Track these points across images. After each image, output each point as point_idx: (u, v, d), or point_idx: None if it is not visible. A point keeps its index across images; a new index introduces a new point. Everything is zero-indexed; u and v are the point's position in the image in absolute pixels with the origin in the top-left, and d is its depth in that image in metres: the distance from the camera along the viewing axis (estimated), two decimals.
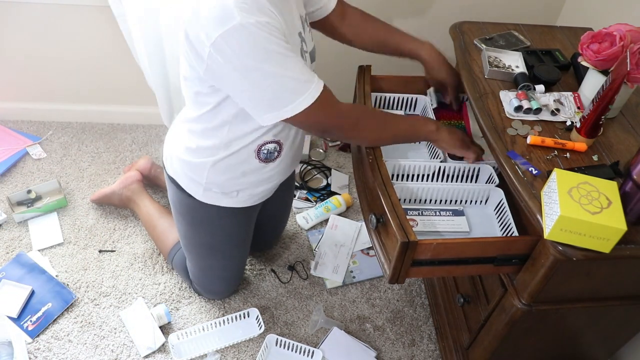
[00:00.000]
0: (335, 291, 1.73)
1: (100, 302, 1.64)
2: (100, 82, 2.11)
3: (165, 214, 1.75)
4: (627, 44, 1.13)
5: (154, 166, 1.95)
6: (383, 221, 1.11)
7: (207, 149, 1.24)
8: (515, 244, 1.08)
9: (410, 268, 1.08)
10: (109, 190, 1.86)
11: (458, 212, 1.30)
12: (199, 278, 1.60)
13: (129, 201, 1.84)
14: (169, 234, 1.69)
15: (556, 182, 1.00)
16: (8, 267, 1.68)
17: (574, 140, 1.17)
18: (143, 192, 1.84)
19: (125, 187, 1.84)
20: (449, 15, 1.73)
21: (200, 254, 1.52)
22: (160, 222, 1.74)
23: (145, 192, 1.84)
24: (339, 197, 1.96)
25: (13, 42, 1.96)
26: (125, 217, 1.89)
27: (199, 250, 1.51)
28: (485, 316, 1.25)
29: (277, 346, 1.56)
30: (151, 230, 1.76)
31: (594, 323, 1.27)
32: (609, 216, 0.94)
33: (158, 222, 1.74)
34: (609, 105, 1.09)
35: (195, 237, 1.48)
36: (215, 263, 1.55)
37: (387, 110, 1.53)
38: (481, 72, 1.37)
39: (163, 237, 1.71)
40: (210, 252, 1.50)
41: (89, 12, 1.87)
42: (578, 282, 1.09)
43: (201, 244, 1.49)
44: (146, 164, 1.94)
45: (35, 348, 1.53)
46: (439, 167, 1.32)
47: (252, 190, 1.35)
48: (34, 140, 2.12)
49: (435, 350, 1.61)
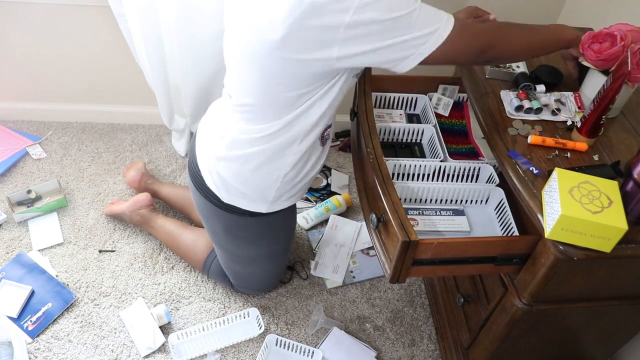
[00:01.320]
0: (335, 291, 1.73)
1: (100, 302, 1.64)
2: (100, 82, 2.11)
3: (184, 228, 1.73)
4: (627, 44, 1.13)
5: (145, 176, 1.90)
6: (384, 221, 1.11)
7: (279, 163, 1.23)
8: (515, 243, 1.08)
9: (410, 267, 1.08)
10: (119, 210, 1.81)
11: (458, 211, 1.30)
12: (246, 282, 1.62)
13: (141, 225, 1.81)
14: (197, 247, 1.68)
15: (557, 181, 1.00)
16: (8, 267, 1.68)
17: (574, 140, 1.17)
18: (153, 215, 1.79)
19: (134, 211, 1.79)
20: None
21: (254, 264, 1.54)
22: (182, 238, 1.71)
23: (155, 214, 1.79)
24: (339, 197, 1.96)
25: (13, 42, 1.96)
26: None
27: (257, 261, 1.52)
28: (486, 316, 1.25)
29: (277, 346, 1.55)
30: (175, 249, 1.74)
31: (594, 323, 1.27)
32: (610, 215, 0.95)
33: (181, 239, 1.71)
34: (609, 105, 1.09)
35: (243, 253, 1.48)
36: (270, 265, 1.57)
37: (386, 110, 1.53)
38: (482, 71, 1.37)
39: (192, 252, 1.69)
40: (269, 258, 1.52)
41: (89, 12, 1.87)
42: (579, 281, 1.09)
43: (249, 258, 1.50)
44: (136, 175, 1.89)
45: (35, 348, 1.52)
46: (439, 166, 1.32)
47: (312, 174, 1.33)
48: (34, 140, 2.12)
49: (435, 350, 1.61)
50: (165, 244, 1.77)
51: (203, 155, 1.32)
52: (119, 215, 1.84)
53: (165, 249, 1.79)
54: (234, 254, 1.51)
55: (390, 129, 1.44)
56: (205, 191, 1.35)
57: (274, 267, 1.60)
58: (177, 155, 2.14)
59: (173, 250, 1.76)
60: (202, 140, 1.34)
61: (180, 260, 1.76)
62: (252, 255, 1.50)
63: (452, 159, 1.33)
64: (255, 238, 1.44)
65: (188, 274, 1.73)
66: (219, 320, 1.59)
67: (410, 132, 1.45)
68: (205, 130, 1.34)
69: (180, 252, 1.73)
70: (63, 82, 2.10)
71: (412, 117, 1.53)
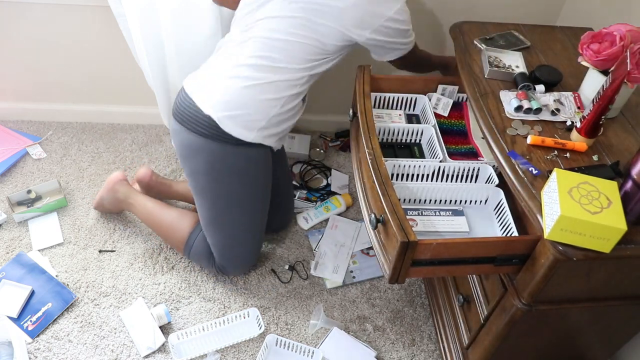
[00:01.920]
0: (335, 291, 1.73)
1: (100, 302, 1.64)
2: (101, 82, 2.11)
3: (166, 206, 1.74)
4: (627, 44, 1.13)
5: (154, 174, 1.87)
6: (383, 221, 1.11)
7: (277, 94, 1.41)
8: (515, 244, 1.08)
9: (410, 268, 1.08)
10: (98, 196, 1.82)
11: (458, 212, 1.30)
12: (224, 250, 1.61)
13: (121, 203, 1.80)
14: (179, 224, 1.68)
15: (556, 182, 1.00)
16: (8, 267, 1.68)
17: (574, 140, 1.17)
18: (131, 191, 1.79)
19: (110, 189, 1.79)
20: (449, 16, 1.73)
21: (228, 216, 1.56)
22: (164, 216, 1.71)
23: (134, 190, 1.79)
24: (339, 197, 1.96)
25: (13, 41, 1.96)
26: (125, 217, 1.89)
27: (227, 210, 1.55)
28: (485, 316, 1.25)
29: (277, 346, 1.56)
30: (157, 227, 1.73)
31: (594, 323, 1.27)
32: (609, 216, 0.95)
33: (163, 217, 1.71)
34: (609, 105, 1.09)
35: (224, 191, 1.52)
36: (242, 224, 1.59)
37: (386, 110, 1.53)
38: (481, 72, 1.37)
39: (174, 229, 1.69)
40: (240, 208, 1.56)
41: (89, 12, 1.87)
42: (578, 282, 1.09)
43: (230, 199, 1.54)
44: (146, 172, 1.85)
45: (35, 348, 1.53)
46: (438, 167, 1.32)
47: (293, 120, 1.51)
48: (34, 140, 2.12)
49: (435, 350, 1.61)
50: (147, 222, 1.76)
51: (201, 81, 1.46)
52: (101, 205, 1.83)
53: (165, 249, 1.79)
54: (213, 201, 1.54)
55: (390, 129, 1.44)
56: (194, 123, 1.44)
57: (251, 223, 1.60)
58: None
59: (154, 229, 1.74)
60: (201, 71, 1.48)
61: (180, 260, 1.77)
62: (230, 197, 1.53)
63: (451, 159, 1.33)
64: (235, 171, 1.49)
65: (188, 274, 1.74)
66: (219, 320, 1.60)
67: (410, 133, 1.45)
68: (205, 64, 1.50)
69: (161, 231, 1.72)
70: (63, 82, 2.10)
71: (412, 118, 1.53)
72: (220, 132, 1.41)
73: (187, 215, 1.70)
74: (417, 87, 1.53)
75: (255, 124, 1.42)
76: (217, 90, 1.42)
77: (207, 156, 1.47)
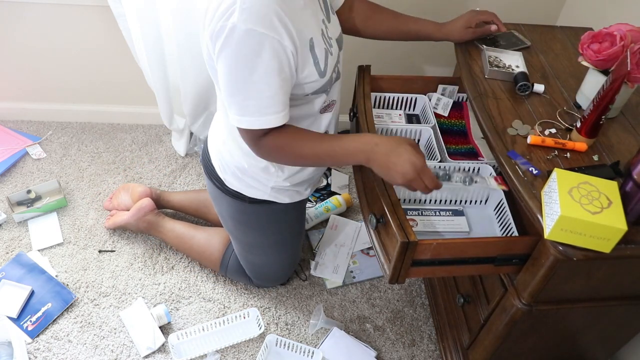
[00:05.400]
0: (335, 291, 1.73)
1: (100, 302, 1.64)
2: (101, 82, 2.11)
3: (195, 229, 1.72)
4: (627, 44, 1.13)
5: (152, 190, 1.83)
6: (383, 221, 1.11)
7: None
8: (515, 244, 1.08)
9: (410, 268, 1.08)
10: (123, 222, 1.76)
11: (458, 212, 1.30)
12: (258, 275, 1.63)
13: (149, 231, 1.78)
14: (212, 246, 1.67)
15: (556, 182, 1.00)
16: (8, 267, 1.68)
17: (574, 140, 1.17)
18: (160, 219, 1.76)
19: (139, 219, 1.75)
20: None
21: (257, 256, 1.56)
22: (195, 239, 1.70)
23: (162, 218, 1.76)
24: (339, 197, 1.96)
25: (13, 41, 1.96)
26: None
27: (255, 250, 1.54)
28: (486, 316, 1.25)
29: (277, 346, 1.55)
30: (189, 251, 1.72)
31: (594, 323, 1.27)
32: (610, 216, 0.94)
33: (194, 241, 1.70)
34: (609, 105, 1.09)
35: (251, 239, 1.51)
36: (278, 255, 1.58)
37: (386, 110, 1.53)
38: (481, 72, 1.37)
39: (207, 252, 1.68)
40: (270, 249, 1.54)
41: (89, 12, 1.87)
42: (578, 282, 1.09)
43: (257, 246, 1.52)
44: (145, 191, 1.81)
45: (35, 348, 1.52)
46: (438, 167, 1.32)
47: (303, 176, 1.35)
48: (34, 140, 2.12)
49: (435, 350, 1.61)
50: (177, 248, 1.74)
51: (213, 138, 1.38)
52: (123, 227, 1.80)
53: (165, 249, 1.79)
54: (242, 241, 1.53)
55: (390, 129, 1.44)
56: (212, 175, 1.40)
57: (283, 257, 1.60)
58: (177, 155, 2.14)
59: (186, 253, 1.73)
60: (214, 124, 1.39)
61: (180, 260, 1.76)
62: (257, 243, 1.52)
63: (451, 159, 1.33)
64: (257, 226, 1.46)
65: (188, 274, 1.74)
66: (218, 320, 1.59)
67: (410, 133, 1.45)
68: (216, 114, 1.39)
69: (194, 254, 1.71)
70: (63, 82, 2.10)
71: (412, 118, 1.53)
72: (233, 190, 1.37)
73: (217, 235, 1.68)
74: (417, 87, 1.53)
75: (261, 186, 1.34)
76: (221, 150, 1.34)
77: (229, 207, 1.44)
